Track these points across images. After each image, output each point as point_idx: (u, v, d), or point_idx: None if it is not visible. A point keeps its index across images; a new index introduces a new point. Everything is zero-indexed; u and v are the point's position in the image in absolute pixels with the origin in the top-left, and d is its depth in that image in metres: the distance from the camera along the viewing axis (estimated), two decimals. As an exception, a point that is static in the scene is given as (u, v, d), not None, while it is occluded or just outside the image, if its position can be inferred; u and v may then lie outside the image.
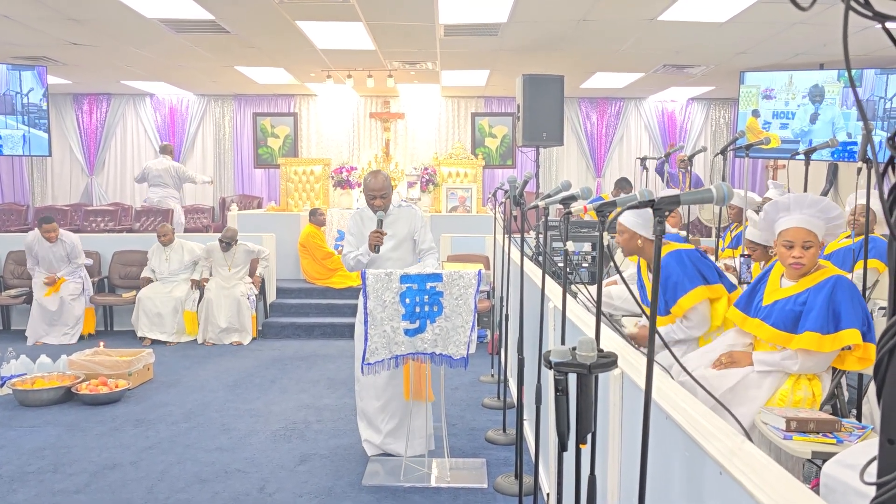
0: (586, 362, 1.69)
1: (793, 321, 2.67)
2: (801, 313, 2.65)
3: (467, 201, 9.81)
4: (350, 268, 4.04)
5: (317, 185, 10.17)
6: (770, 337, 2.72)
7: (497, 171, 11.33)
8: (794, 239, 2.69)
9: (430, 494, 3.59)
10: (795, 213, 2.71)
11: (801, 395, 2.66)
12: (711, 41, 7.02)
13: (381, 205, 3.95)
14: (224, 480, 3.76)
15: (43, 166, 11.36)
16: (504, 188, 4.39)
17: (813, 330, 2.58)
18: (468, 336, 3.61)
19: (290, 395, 5.33)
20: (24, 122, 8.55)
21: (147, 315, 6.92)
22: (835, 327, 2.57)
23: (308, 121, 11.43)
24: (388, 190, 3.99)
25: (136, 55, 8.08)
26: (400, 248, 4.04)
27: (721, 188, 1.61)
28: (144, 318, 6.92)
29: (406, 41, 7.27)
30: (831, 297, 2.59)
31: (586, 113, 11.30)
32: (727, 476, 1.32)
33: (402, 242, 4.05)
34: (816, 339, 2.57)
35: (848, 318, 2.55)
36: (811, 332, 2.58)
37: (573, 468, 1.85)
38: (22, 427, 4.59)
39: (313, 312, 7.70)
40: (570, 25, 6.47)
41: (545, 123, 5.83)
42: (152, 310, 6.91)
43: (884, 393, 0.80)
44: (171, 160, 9.54)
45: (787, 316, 2.68)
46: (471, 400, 5.24)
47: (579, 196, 2.41)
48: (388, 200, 3.98)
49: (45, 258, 7.01)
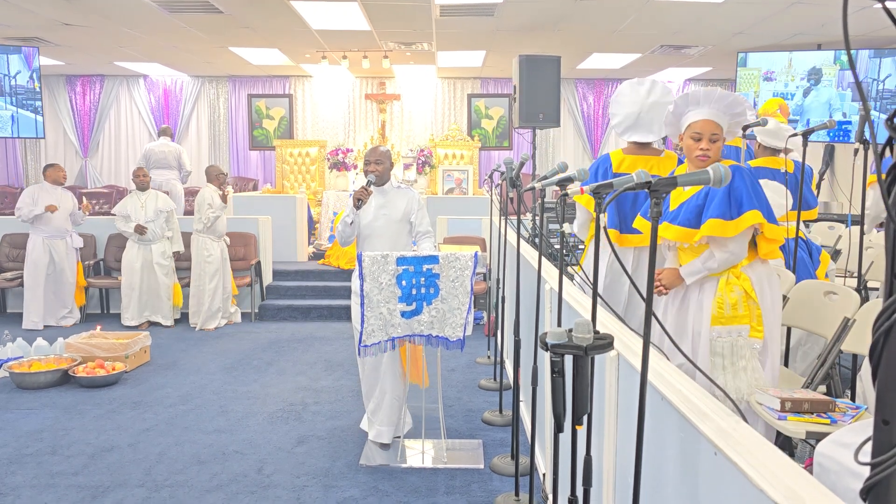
0: (582, 344, 1.69)
1: (697, 217, 2.72)
2: (703, 206, 2.71)
3: (463, 183, 9.78)
4: (340, 236, 4.01)
5: (312, 167, 10.13)
6: (677, 235, 2.76)
7: (493, 153, 11.30)
8: (702, 131, 2.74)
9: (426, 475, 3.61)
10: (705, 107, 2.76)
11: (735, 297, 2.68)
12: (709, 21, 6.97)
13: (373, 170, 3.93)
14: (222, 462, 3.78)
15: (36, 148, 11.28)
16: (500, 170, 4.37)
17: (715, 217, 2.65)
18: (464, 318, 3.62)
19: (288, 377, 5.35)
20: (12, 103, 8.52)
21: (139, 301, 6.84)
22: (737, 212, 2.63)
23: (303, 102, 11.36)
24: (383, 159, 3.97)
25: (128, 36, 8.00)
26: (392, 226, 3.99)
27: (718, 170, 1.61)
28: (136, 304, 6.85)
29: (401, 21, 7.20)
30: (731, 186, 2.64)
31: (583, 94, 11.25)
32: (722, 456, 1.33)
33: (395, 222, 4.00)
34: (720, 224, 2.63)
35: (749, 202, 2.63)
36: (713, 219, 2.64)
37: (569, 449, 1.86)
38: (19, 410, 4.60)
39: (310, 295, 7.70)
40: (566, 5, 6.42)
41: (542, 105, 5.81)
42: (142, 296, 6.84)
43: (879, 374, 0.80)
44: (171, 142, 9.55)
45: (691, 212, 2.74)
46: (467, 381, 5.26)
47: (576, 178, 2.40)
48: (382, 168, 3.95)
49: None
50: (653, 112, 3.26)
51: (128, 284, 6.83)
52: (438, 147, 10.17)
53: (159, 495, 3.38)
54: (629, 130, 3.32)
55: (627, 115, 3.32)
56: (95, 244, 7.60)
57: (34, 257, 6.86)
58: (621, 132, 3.35)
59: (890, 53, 7.45)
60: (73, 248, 7.05)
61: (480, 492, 3.43)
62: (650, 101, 3.27)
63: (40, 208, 6.77)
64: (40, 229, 6.87)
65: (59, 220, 6.92)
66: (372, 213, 3.96)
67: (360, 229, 3.99)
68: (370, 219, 3.95)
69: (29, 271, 6.88)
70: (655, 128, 3.31)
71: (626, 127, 3.32)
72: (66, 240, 6.98)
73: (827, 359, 2.76)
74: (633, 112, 3.30)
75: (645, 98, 3.28)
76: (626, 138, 3.36)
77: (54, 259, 6.90)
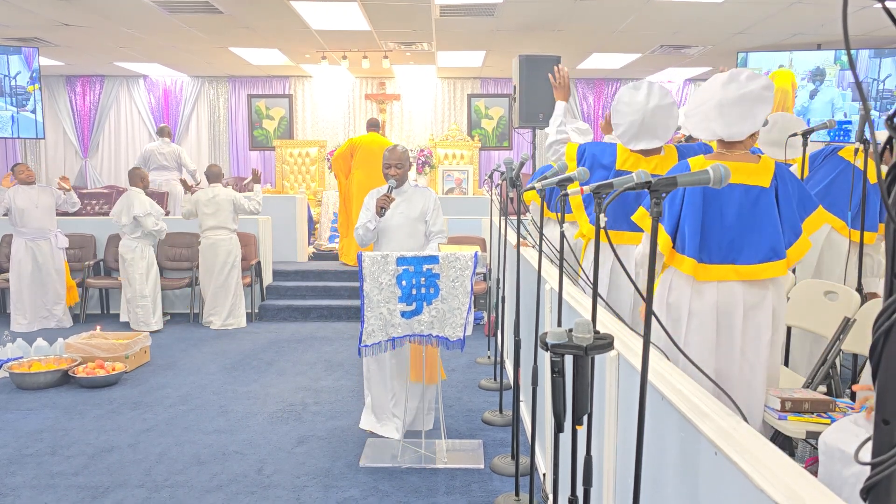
0: (583, 344, 1.69)
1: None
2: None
3: (463, 183, 9.78)
4: (360, 239, 4.07)
5: (312, 167, 10.13)
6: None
7: (493, 153, 11.30)
8: None
9: (427, 475, 3.61)
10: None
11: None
12: (709, 21, 6.97)
13: (395, 174, 4.00)
14: (222, 462, 3.78)
15: (36, 149, 11.28)
16: (500, 170, 4.37)
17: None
18: (464, 318, 3.62)
19: (288, 377, 5.35)
20: (12, 103, 8.52)
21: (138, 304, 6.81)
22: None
23: (303, 102, 11.36)
24: (403, 162, 4.03)
25: (128, 36, 8.00)
26: (409, 225, 4.05)
27: (718, 170, 1.60)
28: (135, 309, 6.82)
29: (401, 21, 7.20)
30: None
31: (583, 94, 11.24)
32: (722, 456, 1.33)
33: (411, 221, 4.06)
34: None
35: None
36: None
37: (569, 449, 1.86)
38: (19, 410, 4.60)
39: (310, 295, 7.70)
40: (566, 5, 6.42)
41: (542, 105, 5.80)
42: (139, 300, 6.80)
43: (879, 374, 0.80)
44: (171, 143, 9.55)
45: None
46: (467, 381, 5.26)
47: (576, 178, 2.40)
48: (403, 172, 4.02)
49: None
50: (656, 117, 3.14)
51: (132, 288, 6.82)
52: (438, 147, 10.17)
53: (159, 495, 3.38)
54: (634, 139, 3.18)
55: (631, 124, 3.17)
56: (95, 244, 7.60)
57: (18, 259, 6.71)
58: (627, 141, 3.21)
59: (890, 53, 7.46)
60: (59, 248, 6.88)
61: (481, 492, 3.43)
62: (651, 105, 3.13)
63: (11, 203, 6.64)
64: (21, 231, 6.72)
65: (41, 221, 6.76)
66: (390, 211, 4.02)
67: (379, 228, 4.07)
68: (388, 218, 4.03)
69: (14, 274, 6.73)
70: (661, 132, 3.15)
71: (632, 136, 3.18)
72: (51, 240, 6.81)
73: (827, 359, 2.76)
74: (637, 120, 3.15)
75: (645, 104, 3.15)
76: (633, 148, 3.22)
77: (38, 261, 6.75)
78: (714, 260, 2.53)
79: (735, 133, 2.52)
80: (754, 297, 2.51)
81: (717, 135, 2.55)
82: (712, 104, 2.53)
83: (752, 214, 2.52)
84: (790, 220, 2.52)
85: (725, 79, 2.54)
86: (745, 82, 2.50)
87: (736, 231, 2.51)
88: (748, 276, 2.49)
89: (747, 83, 2.49)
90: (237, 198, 6.80)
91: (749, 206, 2.51)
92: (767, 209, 2.51)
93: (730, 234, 2.51)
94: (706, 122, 2.57)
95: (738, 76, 2.52)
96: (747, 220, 2.51)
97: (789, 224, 2.52)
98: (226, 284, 6.86)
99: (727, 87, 2.51)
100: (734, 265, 2.51)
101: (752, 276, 2.49)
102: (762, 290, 2.51)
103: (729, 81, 2.53)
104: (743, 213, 2.51)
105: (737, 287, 2.51)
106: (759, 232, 2.50)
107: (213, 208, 6.76)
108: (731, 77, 2.53)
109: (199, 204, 6.79)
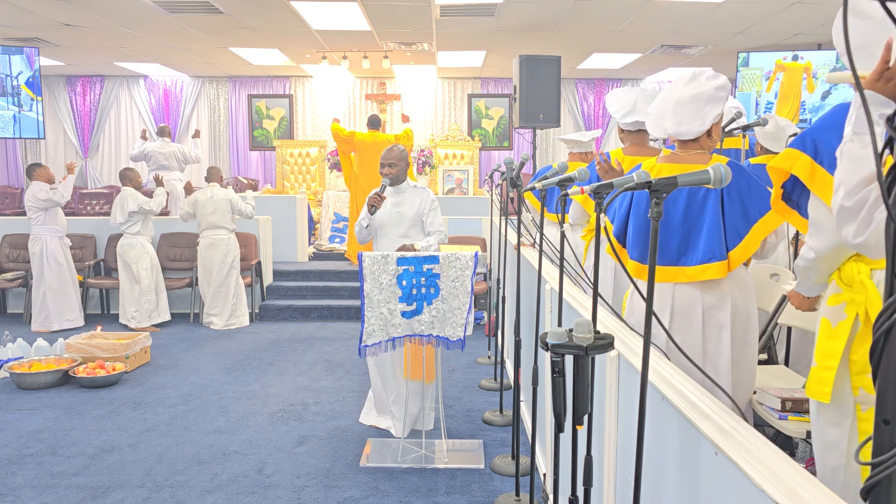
0: (583, 344, 1.69)
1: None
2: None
3: (464, 183, 9.78)
4: (358, 236, 4.13)
5: (312, 167, 10.13)
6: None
7: (493, 153, 11.30)
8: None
9: (427, 475, 3.61)
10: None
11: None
12: (709, 21, 6.97)
13: (388, 173, 4.03)
14: (222, 462, 3.78)
15: (37, 149, 11.28)
16: (501, 170, 4.38)
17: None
18: (465, 318, 3.62)
19: (288, 377, 5.35)
20: (14, 103, 8.51)
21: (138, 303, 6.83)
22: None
23: (303, 102, 11.36)
24: (397, 161, 4.05)
25: (128, 36, 8.00)
26: (405, 224, 4.07)
27: (718, 170, 1.60)
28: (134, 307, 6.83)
29: (402, 22, 7.21)
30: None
31: (583, 94, 11.25)
32: (722, 456, 1.33)
33: (408, 221, 4.08)
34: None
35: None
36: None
37: (570, 449, 1.86)
38: (20, 410, 4.60)
39: (310, 295, 7.70)
40: (566, 5, 6.42)
41: (542, 105, 5.82)
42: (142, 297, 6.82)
43: (879, 374, 0.80)
44: (171, 142, 9.54)
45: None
46: (468, 381, 5.26)
47: (576, 178, 2.40)
48: (397, 171, 4.05)
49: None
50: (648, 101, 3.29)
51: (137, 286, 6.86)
52: (438, 147, 10.17)
53: (160, 496, 3.38)
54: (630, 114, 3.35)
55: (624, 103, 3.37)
56: (95, 244, 7.60)
57: (53, 257, 6.72)
58: (622, 116, 3.37)
59: (890, 53, 7.43)
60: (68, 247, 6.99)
61: (481, 492, 3.43)
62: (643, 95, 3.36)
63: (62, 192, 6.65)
64: (52, 228, 6.74)
65: (64, 219, 6.89)
66: (387, 210, 4.07)
67: (375, 225, 4.11)
68: (384, 216, 4.07)
69: (52, 272, 6.71)
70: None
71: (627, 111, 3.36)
72: (66, 238, 6.95)
73: (766, 330, 2.81)
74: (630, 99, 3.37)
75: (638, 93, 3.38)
76: (629, 120, 3.37)
77: (66, 258, 6.85)
78: (662, 261, 2.52)
79: (683, 132, 2.49)
80: (713, 297, 2.47)
81: (667, 132, 2.52)
82: (670, 102, 2.52)
83: (697, 216, 2.48)
84: (732, 222, 2.46)
85: (688, 77, 2.52)
86: (704, 82, 2.47)
87: (681, 233, 2.49)
88: (690, 278, 2.47)
89: (706, 82, 2.47)
90: (234, 198, 6.83)
91: (696, 207, 2.48)
92: (713, 210, 2.46)
93: (676, 236, 2.49)
94: (660, 119, 2.55)
95: (700, 75, 2.50)
96: (693, 222, 2.48)
97: (731, 226, 2.46)
98: (226, 284, 6.87)
99: (687, 85, 2.50)
100: (683, 266, 2.49)
101: (692, 277, 2.46)
102: (721, 291, 2.47)
103: (690, 80, 2.51)
104: (689, 215, 2.48)
105: (694, 288, 2.48)
106: (699, 233, 2.47)
107: (212, 208, 6.78)
108: (693, 76, 2.52)
109: (197, 204, 6.80)
